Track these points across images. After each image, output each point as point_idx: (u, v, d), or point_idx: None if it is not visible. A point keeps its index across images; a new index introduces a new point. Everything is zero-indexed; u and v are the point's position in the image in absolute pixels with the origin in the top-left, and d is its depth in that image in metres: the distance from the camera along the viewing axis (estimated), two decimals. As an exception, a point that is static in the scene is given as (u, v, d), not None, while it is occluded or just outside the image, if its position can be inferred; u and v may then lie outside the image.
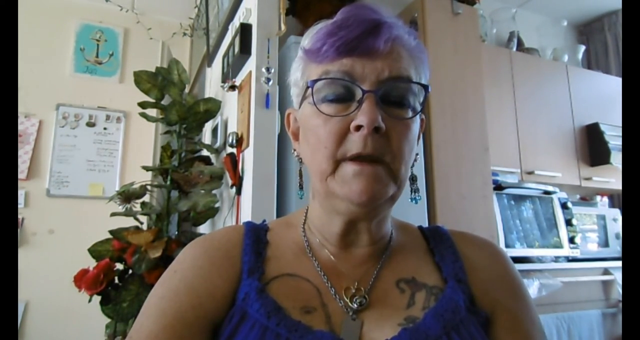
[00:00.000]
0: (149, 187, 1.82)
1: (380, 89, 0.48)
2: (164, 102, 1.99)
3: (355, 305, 0.51)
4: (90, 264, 1.67)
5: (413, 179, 0.58)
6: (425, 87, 0.52)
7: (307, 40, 0.54)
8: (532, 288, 1.88)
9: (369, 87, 0.48)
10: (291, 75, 0.58)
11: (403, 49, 0.51)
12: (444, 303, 0.52)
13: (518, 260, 2.05)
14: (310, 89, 0.51)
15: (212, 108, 1.94)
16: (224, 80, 1.87)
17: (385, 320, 0.51)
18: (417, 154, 0.57)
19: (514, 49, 2.73)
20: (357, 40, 0.48)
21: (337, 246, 0.56)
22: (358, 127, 0.47)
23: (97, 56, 2.88)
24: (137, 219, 1.80)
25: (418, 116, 0.54)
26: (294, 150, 0.60)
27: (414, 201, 0.57)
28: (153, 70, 1.98)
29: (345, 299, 0.52)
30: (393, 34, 0.50)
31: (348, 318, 0.50)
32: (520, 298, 0.57)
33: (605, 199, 2.93)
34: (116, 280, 1.67)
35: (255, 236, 0.58)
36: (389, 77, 0.49)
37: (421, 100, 0.52)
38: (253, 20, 1.63)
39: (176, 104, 1.91)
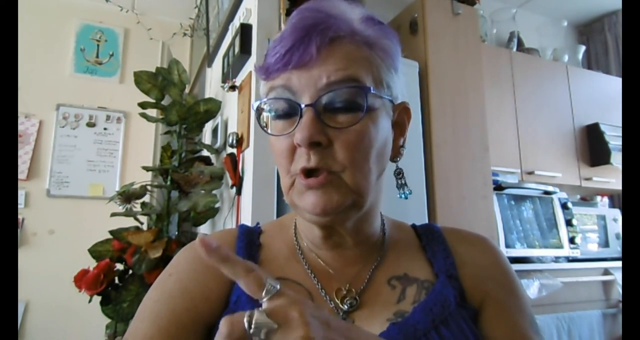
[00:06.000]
0: (149, 188, 1.82)
1: (319, 100, 0.47)
2: (164, 102, 2.00)
3: (346, 307, 0.51)
4: (91, 264, 1.67)
5: (399, 174, 0.56)
6: (367, 88, 0.47)
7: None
8: (532, 288, 1.88)
9: (309, 100, 0.47)
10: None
11: (345, 47, 0.48)
12: (433, 297, 0.51)
13: (518, 260, 2.05)
14: (257, 112, 0.51)
15: (212, 108, 1.94)
16: (224, 81, 1.87)
17: (374, 317, 0.51)
18: (401, 148, 0.56)
19: (514, 49, 2.73)
20: (290, 53, 0.47)
21: (324, 249, 0.56)
22: (299, 144, 0.47)
23: (97, 56, 2.88)
24: (137, 219, 1.80)
25: (384, 110, 0.51)
26: None
27: (402, 196, 0.56)
28: (153, 70, 1.98)
29: (336, 300, 0.52)
30: (328, 36, 0.47)
31: None
32: (509, 289, 0.57)
33: (606, 199, 2.93)
34: (116, 281, 1.68)
35: (248, 239, 0.58)
36: (327, 83, 0.46)
37: (384, 94, 0.50)
38: (253, 21, 1.63)
39: (176, 104, 1.91)
